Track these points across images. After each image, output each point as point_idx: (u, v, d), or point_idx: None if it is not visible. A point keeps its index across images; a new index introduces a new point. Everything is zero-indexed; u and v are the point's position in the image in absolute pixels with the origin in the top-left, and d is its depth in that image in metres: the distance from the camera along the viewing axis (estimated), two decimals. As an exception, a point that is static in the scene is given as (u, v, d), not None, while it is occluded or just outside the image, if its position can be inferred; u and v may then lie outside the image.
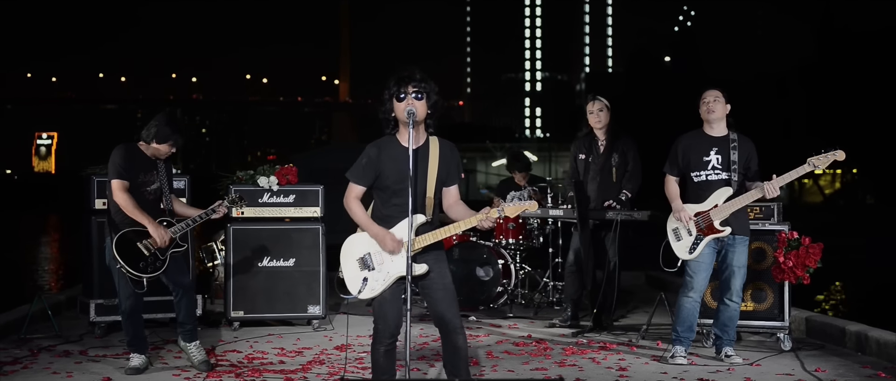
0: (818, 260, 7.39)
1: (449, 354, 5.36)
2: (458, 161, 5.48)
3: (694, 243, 7.04)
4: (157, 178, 6.89)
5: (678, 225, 7.14)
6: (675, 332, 7.22)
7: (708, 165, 7.04)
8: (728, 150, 7.01)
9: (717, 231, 6.98)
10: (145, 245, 6.72)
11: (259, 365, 7.09)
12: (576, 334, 8.39)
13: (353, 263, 5.35)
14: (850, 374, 6.73)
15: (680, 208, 7.11)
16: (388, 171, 5.28)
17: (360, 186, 5.34)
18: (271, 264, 8.69)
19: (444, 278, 5.34)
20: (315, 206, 8.81)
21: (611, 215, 8.40)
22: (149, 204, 6.83)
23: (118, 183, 6.69)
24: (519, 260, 10.03)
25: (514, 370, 6.93)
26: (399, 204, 5.27)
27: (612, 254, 8.60)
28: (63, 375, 6.77)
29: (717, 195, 7.00)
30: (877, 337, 7.30)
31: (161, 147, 6.84)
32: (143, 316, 7.00)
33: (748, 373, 6.75)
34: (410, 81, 5.19)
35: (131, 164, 6.75)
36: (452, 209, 5.41)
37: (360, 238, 5.38)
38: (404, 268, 5.15)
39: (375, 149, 5.33)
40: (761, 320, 7.80)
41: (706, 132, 7.12)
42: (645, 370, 6.92)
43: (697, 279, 7.07)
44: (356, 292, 5.27)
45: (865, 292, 15.03)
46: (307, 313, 8.72)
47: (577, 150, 8.79)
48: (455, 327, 5.30)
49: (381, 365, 5.39)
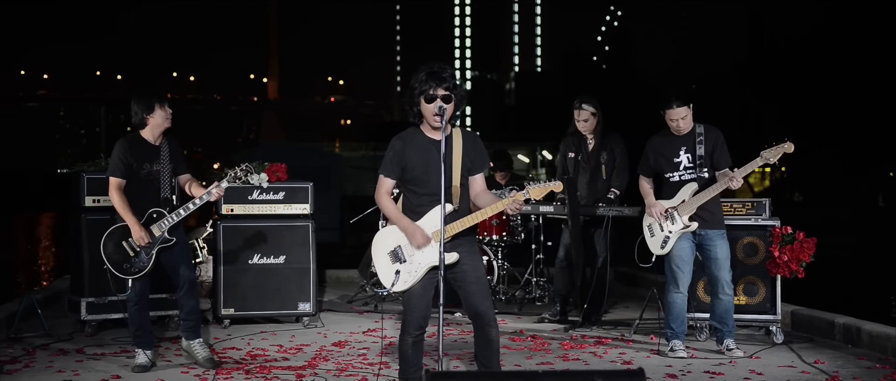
0: (812, 254, 7.59)
1: (482, 346, 5.41)
2: (483, 150, 5.53)
3: (664, 239, 7.22)
4: (158, 164, 6.83)
5: (652, 221, 7.32)
6: (669, 329, 7.37)
7: (679, 165, 7.28)
8: (695, 146, 7.23)
9: (685, 226, 7.15)
10: (129, 244, 6.70)
11: (263, 362, 7.06)
12: (567, 329, 8.48)
13: (385, 257, 5.39)
14: (849, 366, 6.91)
15: (653, 203, 7.33)
16: (414, 162, 5.33)
17: (390, 180, 5.40)
18: (261, 262, 8.66)
19: (478, 270, 5.38)
20: (305, 203, 8.79)
21: (601, 211, 8.50)
22: (150, 192, 6.80)
23: (112, 181, 6.71)
24: (500, 257, 10.09)
25: (520, 365, 7.00)
26: (427, 194, 5.32)
27: (601, 250, 8.70)
28: (69, 373, 6.68)
29: (683, 191, 7.23)
30: (869, 330, 7.51)
31: (156, 119, 6.79)
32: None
33: (751, 366, 6.90)
34: (441, 83, 5.22)
35: (129, 157, 6.71)
36: (480, 198, 5.47)
37: (390, 231, 5.42)
38: (435, 258, 5.21)
39: (400, 142, 5.38)
40: (753, 313, 7.96)
41: (672, 133, 7.31)
42: (649, 363, 7.02)
43: (682, 275, 7.26)
44: (390, 286, 5.30)
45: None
46: (297, 310, 8.69)
47: (567, 148, 8.88)
48: (490, 319, 5.36)
49: (410, 357, 5.42)
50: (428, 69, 5.29)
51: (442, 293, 5.09)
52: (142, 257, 6.70)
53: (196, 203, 6.77)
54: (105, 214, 8.25)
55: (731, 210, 8.02)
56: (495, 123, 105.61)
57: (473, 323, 5.41)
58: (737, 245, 7.96)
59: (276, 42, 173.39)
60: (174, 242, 6.83)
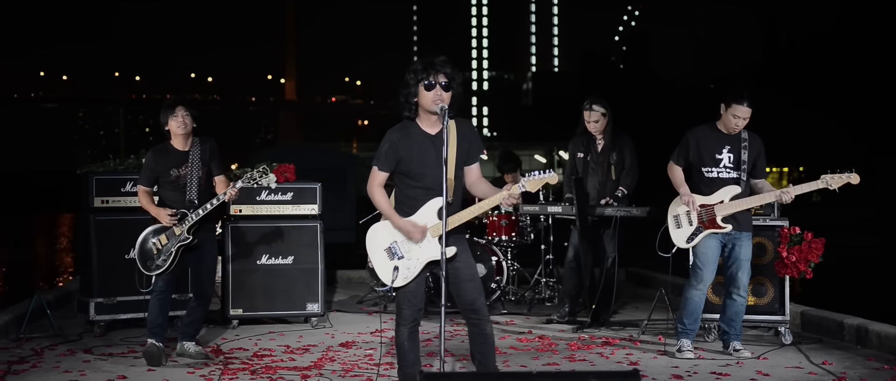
0: (820, 255, 7.54)
1: (478, 343, 5.42)
2: (478, 138, 5.51)
3: (693, 234, 7.16)
4: (186, 167, 7.05)
5: (680, 212, 7.25)
6: (681, 324, 7.32)
7: (720, 162, 7.15)
8: (740, 149, 7.13)
9: (718, 227, 7.10)
10: (154, 244, 6.96)
11: (270, 362, 7.07)
12: (575, 329, 8.46)
13: (381, 253, 5.37)
14: (857, 367, 6.86)
15: (688, 194, 7.19)
16: (409, 156, 5.29)
17: (383, 172, 5.35)
18: (270, 262, 8.67)
19: (471, 267, 5.39)
20: (313, 203, 8.80)
21: (610, 211, 8.48)
22: (177, 197, 7.05)
23: (139, 189, 7.12)
24: (510, 257, 10.08)
25: (526, 366, 6.98)
26: (421, 187, 5.31)
27: (610, 250, 8.68)
28: (75, 373, 6.70)
29: (724, 192, 7.12)
30: (878, 330, 7.45)
31: (174, 128, 7.07)
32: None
33: (758, 366, 6.86)
34: (441, 71, 5.20)
35: (154, 166, 7.06)
36: (476, 187, 5.47)
37: (384, 227, 5.40)
38: (433, 252, 5.25)
39: (396, 134, 5.34)
40: (762, 314, 7.92)
41: (719, 129, 7.22)
42: (655, 364, 7.00)
43: (706, 272, 7.19)
44: (390, 282, 5.30)
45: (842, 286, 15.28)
46: (306, 310, 8.70)
47: (576, 148, 8.85)
48: (484, 315, 5.39)
49: (406, 349, 5.43)
50: (425, 60, 5.26)
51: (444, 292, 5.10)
52: (163, 255, 6.93)
53: (213, 203, 6.97)
54: (114, 215, 8.37)
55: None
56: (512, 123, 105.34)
57: (467, 320, 5.43)
58: (745, 246, 7.93)
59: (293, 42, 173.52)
60: (197, 244, 7.01)
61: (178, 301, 7.94)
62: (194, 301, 7.22)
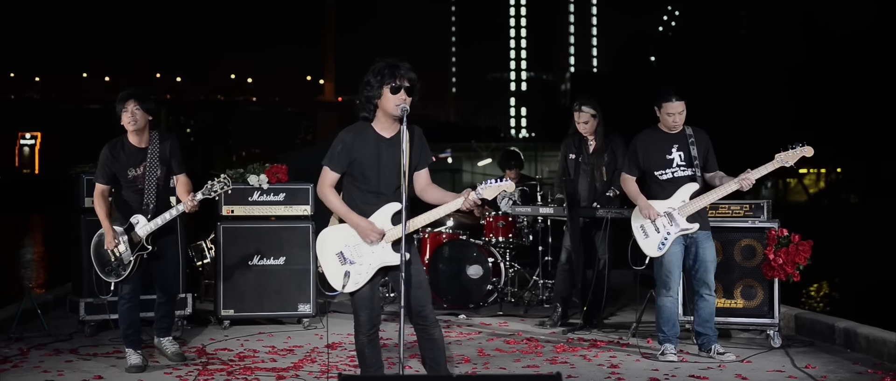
0: (808, 257, 7.45)
1: (428, 348, 5.40)
2: (426, 145, 5.47)
3: (663, 241, 7.09)
4: (144, 166, 6.82)
5: (644, 222, 7.18)
6: (661, 333, 7.27)
7: (672, 162, 7.12)
8: (687, 145, 7.10)
9: (685, 228, 7.04)
10: (111, 252, 6.84)
11: (250, 363, 7.08)
12: (566, 331, 8.40)
13: (332, 258, 5.34)
14: (840, 370, 6.76)
15: (646, 204, 7.15)
16: (362, 158, 5.26)
17: (334, 173, 5.31)
18: (262, 263, 8.69)
19: (419, 273, 5.37)
20: (305, 204, 8.80)
21: (601, 213, 8.41)
22: (134, 198, 6.85)
23: (96, 187, 6.88)
24: (508, 258, 10.04)
25: (505, 368, 6.95)
26: (372, 192, 5.28)
27: (601, 252, 8.62)
28: (54, 373, 6.75)
29: (683, 191, 7.07)
30: (866, 334, 7.34)
31: (125, 122, 6.77)
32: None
33: (739, 370, 6.78)
34: (407, 75, 5.18)
35: (112, 163, 6.79)
36: (426, 192, 5.44)
37: (333, 233, 5.37)
38: (385, 257, 5.24)
39: (350, 135, 5.30)
40: (751, 317, 7.83)
41: (662, 130, 7.18)
42: (636, 367, 6.94)
43: (673, 278, 7.16)
44: (340, 288, 5.28)
45: (853, 289, 15.11)
46: (298, 311, 8.71)
47: (567, 149, 8.80)
48: (433, 320, 5.37)
49: (368, 356, 5.41)
50: (389, 62, 5.23)
51: (404, 296, 5.09)
52: (121, 262, 6.82)
53: (172, 214, 6.78)
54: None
55: (729, 212, 7.89)
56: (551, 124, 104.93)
57: (415, 325, 5.39)
58: (734, 248, 7.85)
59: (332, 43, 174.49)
60: (157, 250, 6.83)
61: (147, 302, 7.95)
62: (161, 299, 7.10)
